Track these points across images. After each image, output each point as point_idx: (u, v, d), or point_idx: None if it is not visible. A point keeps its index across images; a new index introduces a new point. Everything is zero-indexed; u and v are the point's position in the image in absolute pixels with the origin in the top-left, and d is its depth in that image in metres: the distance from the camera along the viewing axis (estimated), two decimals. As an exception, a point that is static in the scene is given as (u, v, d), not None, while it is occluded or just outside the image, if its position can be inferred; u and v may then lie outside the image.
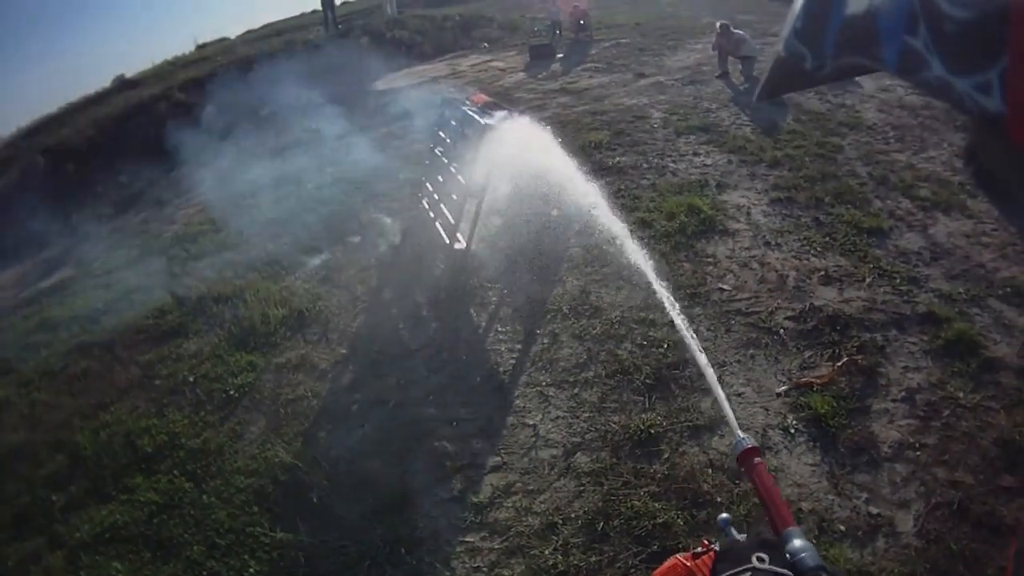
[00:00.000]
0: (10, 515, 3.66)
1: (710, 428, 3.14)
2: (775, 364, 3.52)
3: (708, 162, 6.12)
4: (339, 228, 6.26)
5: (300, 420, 3.79)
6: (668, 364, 3.57)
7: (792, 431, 3.06)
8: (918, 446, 2.89)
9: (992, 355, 3.34)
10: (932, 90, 0.43)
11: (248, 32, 22.45)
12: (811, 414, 3.11)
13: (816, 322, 3.75)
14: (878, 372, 3.34)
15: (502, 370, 3.84)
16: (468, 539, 2.85)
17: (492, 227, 5.24)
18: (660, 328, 3.85)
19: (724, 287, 4.19)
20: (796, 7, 0.55)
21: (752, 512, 2.59)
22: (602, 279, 4.48)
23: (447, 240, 4.94)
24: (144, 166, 10.81)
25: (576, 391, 3.55)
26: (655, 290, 1.85)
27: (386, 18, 18.01)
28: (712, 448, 3.03)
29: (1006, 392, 3.11)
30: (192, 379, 4.40)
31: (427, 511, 3.03)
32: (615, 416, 3.31)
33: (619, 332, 3.91)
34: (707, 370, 1.39)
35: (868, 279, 4.07)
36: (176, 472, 3.59)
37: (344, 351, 4.38)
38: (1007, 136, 0.38)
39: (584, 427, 3.30)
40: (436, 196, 5.39)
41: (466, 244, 4.86)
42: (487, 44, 14.75)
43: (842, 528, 2.58)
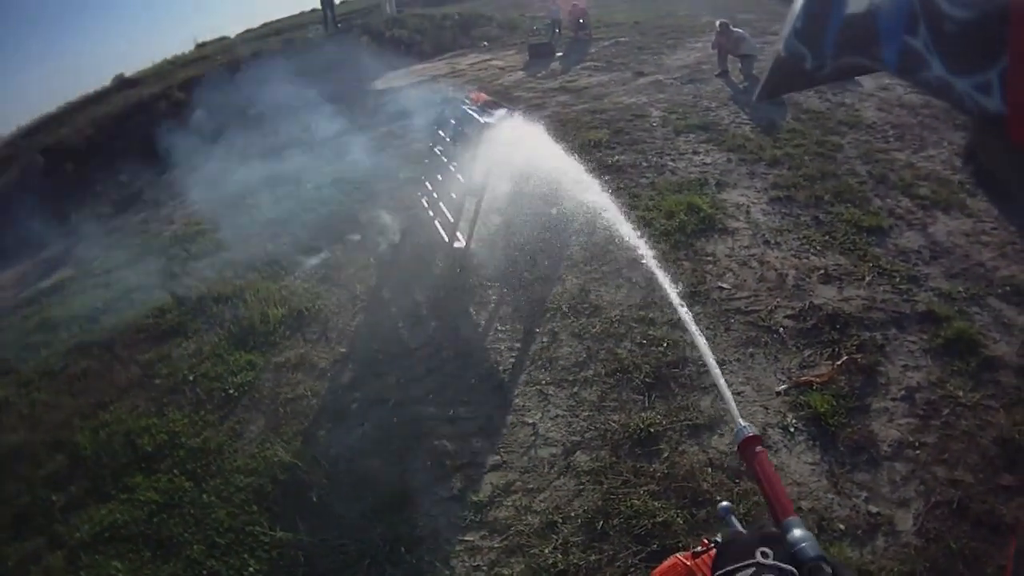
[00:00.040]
0: (10, 515, 3.66)
1: (710, 427, 3.14)
2: (775, 363, 3.52)
3: (707, 161, 6.12)
4: (338, 227, 6.26)
5: (300, 419, 3.79)
6: (668, 363, 3.57)
7: (792, 430, 3.07)
8: (918, 445, 2.89)
9: (992, 354, 3.34)
10: (932, 90, 0.42)
11: (247, 31, 22.44)
12: (811, 413, 3.11)
13: (816, 321, 3.75)
14: (878, 371, 3.34)
15: (502, 369, 3.84)
16: (468, 538, 2.85)
17: (491, 226, 5.24)
18: (660, 327, 3.85)
19: (724, 286, 4.19)
20: (796, 7, 0.55)
21: (752, 511, 2.59)
22: (601, 277, 4.48)
23: (446, 239, 4.93)
24: (143, 165, 10.79)
25: (576, 390, 3.55)
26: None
27: (385, 17, 17.98)
28: (712, 447, 3.03)
29: (1005, 391, 3.11)
30: (192, 378, 4.40)
31: (427, 510, 3.03)
32: (615, 415, 3.31)
33: (619, 331, 3.91)
34: (704, 349, 1.36)
35: (868, 278, 4.07)
36: (176, 471, 3.60)
37: (343, 350, 4.38)
38: (1007, 136, 0.38)
39: (584, 426, 3.30)
40: (436, 195, 5.39)
41: (465, 243, 4.86)
42: (486, 43, 14.73)
43: (842, 527, 2.58)
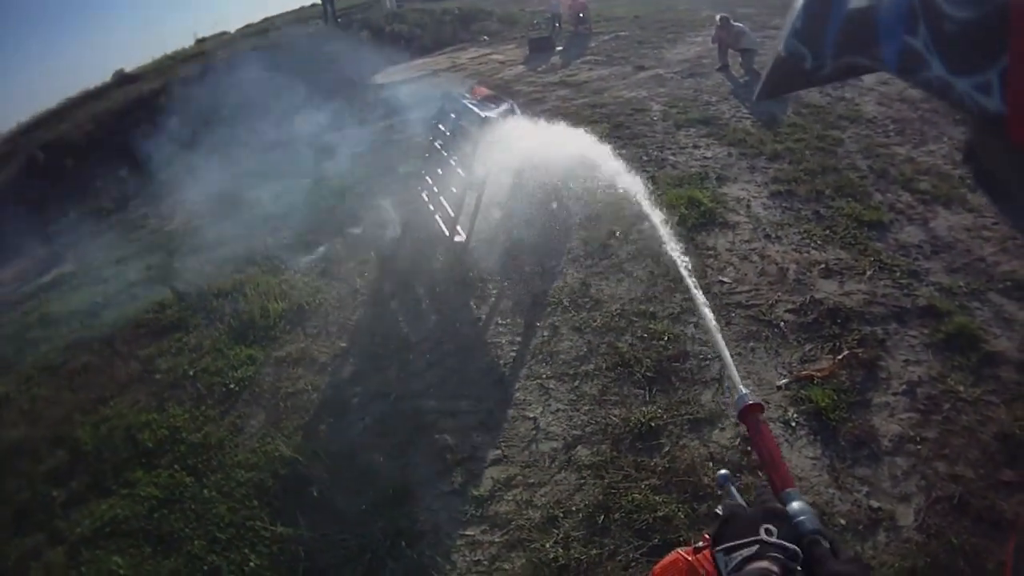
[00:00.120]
0: (11, 511, 3.68)
1: (711, 421, 3.13)
2: (775, 357, 3.51)
3: (708, 155, 6.10)
4: (339, 221, 6.25)
5: (300, 414, 3.79)
6: (669, 357, 3.56)
7: (793, 424, 3.06)
8: (919, 440, 2.89)
9: (993, 349, 3.33)
10: (932, 90, 0.42)
11: (247, 26, 22.41)
12: (811, 407, 3.10)
13: (816, 315, 3.74)
14: (878, 365, 3.33)
15: (502, 363, 3.84)
16: (469, 532, 2.86)
17: (492, 220, 5.22)
18: (661, 321, 3.85)
19: (724, 280, 4.18)
20: (796, 7, 0.55)
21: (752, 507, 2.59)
22: (602, 271, 4.47)
23: (447, 233, 4.92)
24: (144, 161, 10.78)
25: (576, 384, 3.55)
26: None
27: (385, 12, 17.95)
28: (713, 441, 3.03)
29: (1007, 386, 3.10)
30: (192, 373, 4.40)
31: (428, 504, 3.03)
32: (616, 409, 3.31)
33: (619, 325, 3.90)
34: (706, 313, 1.32)
35: (868, 272, 4.06)
36: (177, 466, 3.60)
37: (344, 344, 4.38)
38: (1007, 136, 0.37)
39: (585, 420, 3.30)
40: (436, 189, 5.38)
41: (466, 237, 4.85)
42: (486, 37, 14.70)
43: (843, 522, 2.58)
